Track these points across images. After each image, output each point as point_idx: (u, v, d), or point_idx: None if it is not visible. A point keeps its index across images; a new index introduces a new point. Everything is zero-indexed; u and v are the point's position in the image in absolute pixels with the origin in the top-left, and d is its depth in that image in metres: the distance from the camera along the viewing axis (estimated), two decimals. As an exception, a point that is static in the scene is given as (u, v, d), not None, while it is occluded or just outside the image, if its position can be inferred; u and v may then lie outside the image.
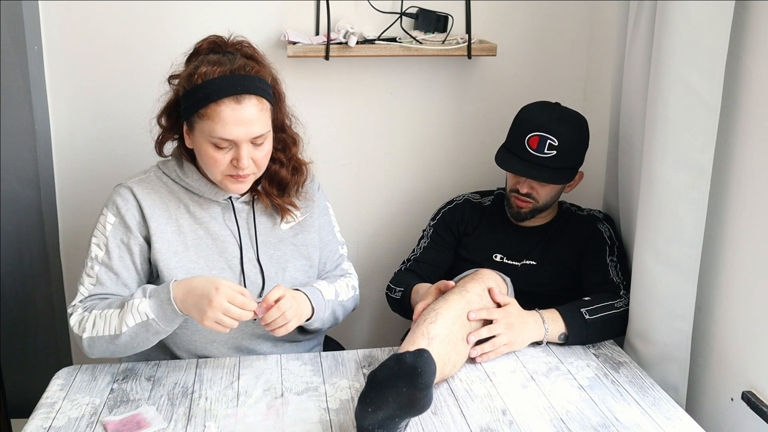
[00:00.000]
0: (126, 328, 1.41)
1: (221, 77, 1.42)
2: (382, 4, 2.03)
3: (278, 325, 1.42)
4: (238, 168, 1.45)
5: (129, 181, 1.55)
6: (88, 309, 1.47)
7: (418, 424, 1.34)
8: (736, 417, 1.50)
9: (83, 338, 1.45)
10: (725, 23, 1.41)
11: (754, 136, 1.44)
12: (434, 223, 1.96)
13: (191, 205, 1.55)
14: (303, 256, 1.64)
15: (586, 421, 1.36)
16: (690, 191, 1.51)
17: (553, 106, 1.80)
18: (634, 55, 1.65)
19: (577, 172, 1.83)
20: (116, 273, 1.50)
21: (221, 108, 1.41)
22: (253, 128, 1.44)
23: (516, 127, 1.81)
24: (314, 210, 1.67)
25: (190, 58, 1.53)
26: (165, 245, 1.51)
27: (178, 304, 1.39)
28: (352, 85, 2.13)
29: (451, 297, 1.50)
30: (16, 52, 1.88)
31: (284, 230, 1.62)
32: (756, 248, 1.44)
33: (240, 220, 1.58)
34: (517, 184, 1.81)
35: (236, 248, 1.57)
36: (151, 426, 1.32)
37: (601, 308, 1.64)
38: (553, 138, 1.73)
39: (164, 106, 1.54)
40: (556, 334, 1.60)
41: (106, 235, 1.51)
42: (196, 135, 1.46)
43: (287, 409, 1.39)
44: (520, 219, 1.85)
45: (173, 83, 1.53)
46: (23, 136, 1.94)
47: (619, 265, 1.77)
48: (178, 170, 1.55)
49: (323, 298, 1.57)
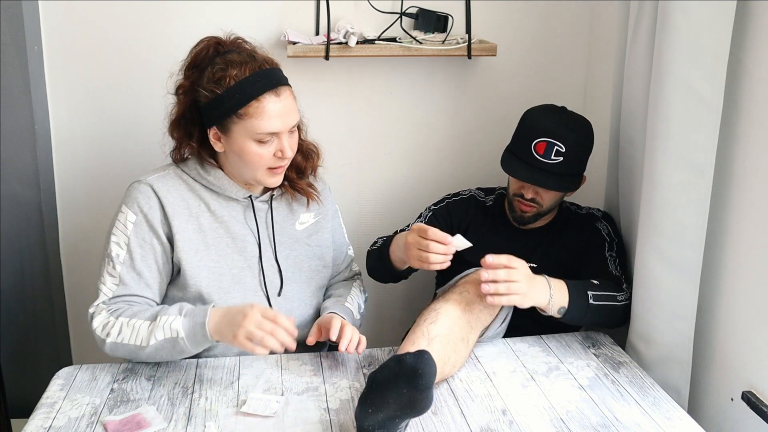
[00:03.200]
0: (154, 341, 1.42)
1: (254, 74, 1.44)
2: (382, 4, 2.03)
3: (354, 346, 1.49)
4: (282, 158, 1.49)
5: (148, 178, 1.53)
6: (114, 313, 1.46)
7: (418, 424, 1.34)
8: (736, 417, 1.50)
9: (106, 342, 1.46)
10: (727, 24, 1.41)
11: (756, 136, 1.44)
12: (436, 208, 1.91)
13: (212, 203, 1.55)
14: (317, 256, 1.66)
15: (586, 421, 1.36)
16: (691, 192, 1.51)
17: (561, 111, 1.78)
18: (634, 55, 1.65)
19: (581, 177, 1.81)
20: (139, 273, 1.50)
21: (263, 104, 1.44)
22: (292, 117, 1.49)
23: (522, 132, 1.78)
24: (327, 212, 1.71)
25: (194, 66, 1.51)
26: (187, 243, 1.51)
27: (211, 327, 1.40)
28: (352, 85, 2.12)
29: (452, 297, 1.50)
30: (16, 52, 1.88)
31: (299, 231, 1.64)
32: (757, 249, 1.44)
33: (259, 220, 1.59)
34: (521, 189, 1.77)
35: (255, 247, 1.58)
36: (151, 426, 1.32)
37: (606, 296, 1.61)
38: (560, 144, 1.69)
39: (174, 119, 1.54)
40: (558, 306, 1.54)
41: (127, 234, 1.50)
42: (235, 136, 1.46)
43: (287, 409, 1.39)
44: (523, 223, 1.83)
45: (181, 94, 1.52)
46: (23, 136, 1.94)
47: (618, 260, 1.75)
48: (199, 168, 1.55)
49: (354, 317, 1.65)
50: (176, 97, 1.53)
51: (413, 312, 1.78)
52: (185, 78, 1.52)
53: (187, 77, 1.51)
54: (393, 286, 2.04)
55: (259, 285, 1.58)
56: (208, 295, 1.52)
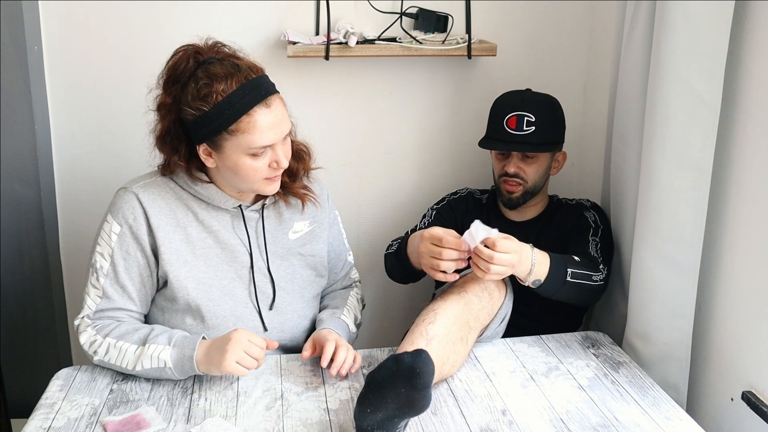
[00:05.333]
0: (140, 368, 1.42)
1: (241, 87, 1.37)
2: (382, 4, 2.03)
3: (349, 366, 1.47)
4: (278, 168, 1.44)
5: (134, 186, 1.49)
6: (101, 332, 1.46)
7: (418, 424, 1.34)
8: (736, 417, 1.50)
9: (94, 358, 1.47)
10: (725, 23, 1.41)
11: (754, 135, 1.44)
12: (438, 207, 1.96)
13: (200, 212, 1.51)
14: (310, 266, 1.63)
15: (585, 421, 1.36)
16: (690, 191, 1.51)
17: (523, 91, 1.88)
18: (629, 55, 1.65)
19: (558, 146, 1.86)
20: (122, 286, 1.48)
21: (255, 118, 1.37)
22: (284, 127, 1.43)
23: (492, 115, 1.86)
24: (323, 220, 1.66)
25: (174, 80, 1.42)
26: (174, 255, 1.48)
27: (199, 359, 1.40)
28: (352, 85, 2.12)
29: (450, 297, 1.50)
30: (16, 52, 1.88)
31: (292, 240, 1.60)
32: (756, 247, 1.44)
33: (250, 229, 1.55)
34: (504, 167, 1.83)
35: (246, 257, 1.54)
36: (150, 426, 1.32)
37: (583, 275, 1.62)
38: (529, 114, 1.77)
39: (159, 135, 1.46)
40: (534, 278, 1.55)
41: (111, 245, 1.47)
42: (227, 153, 1.40)
43: (287, 409, 1.38)
44: (512, 205, 1.85)
45: (163, 113, 1.43)
46: (23, 136, 1.94)
47: (600, 245, 1.76)
48: (187, 178, 1.50)
49: (349, 331, 1.62)
50: (158, 114, 1.45)
51: (413, 312, 1.78)
52: (166, 94, 1.43)
53: (169, 93, 1.42)
54: (393, 286, 2.03)
55: (249, 297, 1.54)
56: (197, 308, 1.50)
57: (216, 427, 1.31)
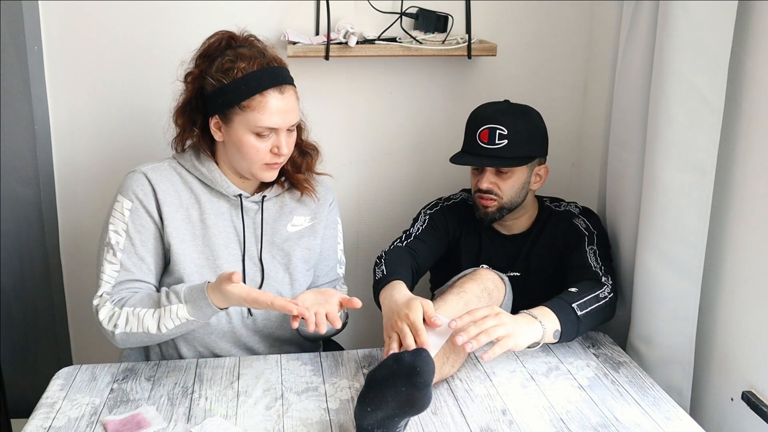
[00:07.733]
0: (165, 330, 1.45)
1: (262, 70, 1.48)
2: (382, 4, 2.03)
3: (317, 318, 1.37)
4: (278, 155, 1.51)
5: (142, 167, 1.57)
6: (118, 304, 1.48)
7: (418, 424, 1.34)
8: (736, 417, 1.50)
9: (116, 333, 1.47)
10: (728, 24, 1.41)
11: (757, 136, 1.43)
12: (432, 212, 1.90)
13: (202, 196, 1.58)
14: (304, 259, 1.66)
15: (586, 421, 1.36)
16: (693, 192, 1.50)
17: (502, 102, 1.82)
18: (629, 56, 1.64)
19: (532, 159, 1.77)
20: (141, 258, 1.53)
21: (266, 99, 1.47)
22: (293, 116, 1.52)
23: (467, 127, 1.81)
24: (323, 218, 1.69)
25: (206, 56, 1.54)
26: (175, 230, 1.54)
27: (215, 302, 1.41)
28: (352, 85, 2.12)
29: (449, 297, 1.50)
30: (16, 52, 1.88)
31: (290, 232, 1.65)
32: (759, 249, 1.44)
33: (247, 219, 1.60)
34: (478, 183, 1.78)
35: (238, 245, 1.59)
36: (151, 426, 1.32)
37: (590, 301, 1.56)
38: (501, 128, 1.72)
39: (180, 105, 1.57)
40: (552, 331, 1.48)
41: (125, 221, 1.53)
42: (235, 127, 1.49)
43: (287, 409, 1.39)
44: (488, 220, 1.80)
45: (189, 81, 1.55)
46: (23, 136, 1.94)
47: (599, 252, 1.72)
48: (195, 160, 1.57)
49: None
50: (184, 84, 1.56)
51: (413, 312, 1.78)
52: (195, 66, 1.55)
53: (197, 66, 1.55)
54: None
55: None
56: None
57: (216, 426, 1.31)
